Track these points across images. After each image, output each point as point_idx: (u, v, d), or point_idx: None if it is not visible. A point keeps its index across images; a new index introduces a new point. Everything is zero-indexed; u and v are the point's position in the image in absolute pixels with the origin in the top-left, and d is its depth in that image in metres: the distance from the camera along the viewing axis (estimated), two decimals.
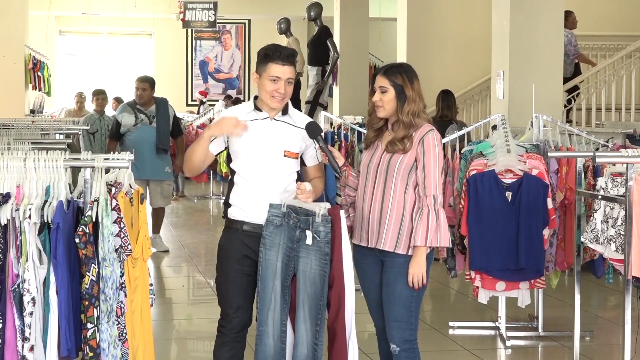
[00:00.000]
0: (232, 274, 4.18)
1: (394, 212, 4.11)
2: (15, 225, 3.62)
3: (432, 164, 4.09)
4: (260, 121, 4.21)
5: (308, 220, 3.99)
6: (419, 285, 4.07)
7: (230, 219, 4.23)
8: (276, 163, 4.18)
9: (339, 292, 4.00)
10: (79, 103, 14.71)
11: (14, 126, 8.12)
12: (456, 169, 6.54)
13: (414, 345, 4.16)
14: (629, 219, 4.39)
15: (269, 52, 4.15)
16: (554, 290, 6.76)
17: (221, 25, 20.09)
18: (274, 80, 4.13)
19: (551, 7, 8.97)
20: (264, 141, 4.18)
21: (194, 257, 9.30)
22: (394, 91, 4.14)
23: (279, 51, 4.15)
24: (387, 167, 4.14)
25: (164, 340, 6.20)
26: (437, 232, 4.04)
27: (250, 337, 4.29)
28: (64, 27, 21.22)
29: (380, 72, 4.21)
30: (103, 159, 3.82)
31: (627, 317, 4.49)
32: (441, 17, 13.04)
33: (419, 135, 4.12)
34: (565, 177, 6.27)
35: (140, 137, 8.98)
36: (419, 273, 4.06)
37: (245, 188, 4.18)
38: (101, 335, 3.66)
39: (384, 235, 4.12)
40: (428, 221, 4.04)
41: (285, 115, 4.24)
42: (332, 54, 12.96)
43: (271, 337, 4.05)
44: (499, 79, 9.02)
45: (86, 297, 3.62)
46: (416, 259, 4.07)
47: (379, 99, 4.16)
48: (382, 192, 4.14)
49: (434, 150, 4.11)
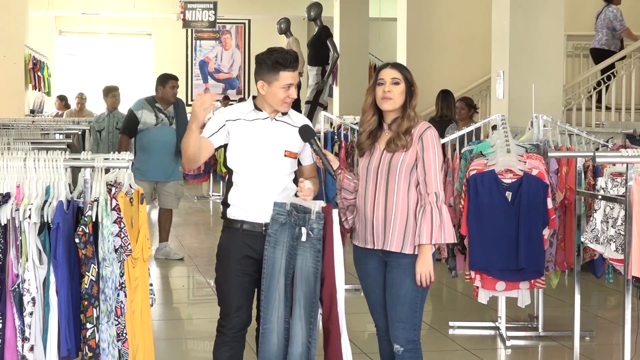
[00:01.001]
0: (233, 274, 4.18)
1: (399, 213, 4.10)
2: (15, 225, 3.62)
3: (432, 161, 4.08)
4: (261, 121, 4.21)
5: (305, 218, 4.01)
6: (427, 283, 4.07)
7: (230, 218, 4.23)
8: (277, 163, 4.19)
9: (331, 290, 4.01)
10: (79, 104, 14.71)
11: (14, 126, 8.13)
12: (456, 169, 6.54)
13: (417, 346, 4.16)
14: (629, 219, 4.39)
15: (279, 60, 4.14)
16: (554, 290, 6.76)
17: (221, 25, 20.08)
18: (287, 87, 4.15)
19: (551, 7, 8.97)
20: (265, 141, 4.19)
21: (194, 257, 9.30)
22: (405, 84, 4.14)
23: (288, 58, 4.15)
24: (389, 167, 4.12)
25: (164, 340, 6.20)
26: (440, 228, 4.03)
27: (249, 337, 4.30)
28: (64, 27, 21.22)
29: (389, 66, 4.19)
30: (103, 159, 3.82)
31: (627, 317, 4.49)
32: (441, 17, 13.03)
33: (418, 132, 4.11)
34: (565, 177, 6.27)
35: (159, 137, 8.68)
36: (427, 271, 4.06)
37: (245, 187, 4.18)
38: (101, 335, 3.66)
39: (390, 236, 4.11)
40: (432, 219, 4.03)
41: (285, 116, 4.25)
42: (332, 54, 12.96)
43: (275, 335, 4.05)
44: (499, 79, 9.02)
45: (85, 297, 3.62)
46: (422, 257, 4.07)
47: (390, 90, 4.12)
48: (385, 194, 4.12)
49: (433, 147, 4.10)
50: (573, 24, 11.88)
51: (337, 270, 4.02)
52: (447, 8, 13.10)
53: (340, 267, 4.03)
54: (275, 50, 4.21)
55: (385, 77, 4.15)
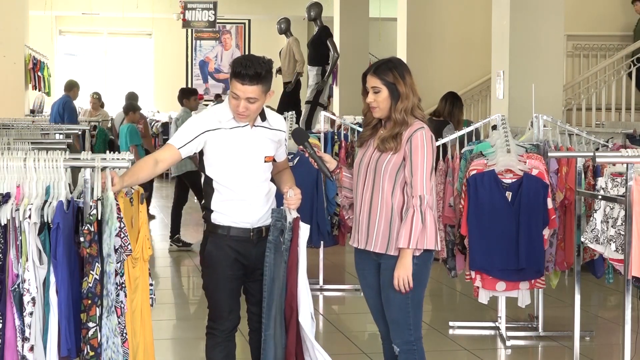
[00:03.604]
0: (224, 280, 4.16)
1: (383, 213, 4.04)
2: (15, 225, 3.62)
3: (419, 163, 3.98)
4: (240, 129, 4.12)
5: (283, 225, 4.05)
6: (405, 289, 3.98)
7: (215, 224, 4.17)
8: (257, 169, 4.14)
9: (290, 302, 4.02)
10: (92, 103, 14.80)
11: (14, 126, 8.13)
12: (456, 169, 6.54)
13: (414, 347, 4.13)
14: (629, 219, 4.38)
15: (236, 69, 4.00)
16: (554, 290, 6.76)
17: (221, 25, 20.10)
18: (235, 97, 4.03)
19: (551, 7, 8.97)
20: (245, 149, 4.12)
21: (194, 257, 9.30)
22: (387, 90, 4.04)
23: (245, 70, 3.98)
24: (376, 166, 4.07)
25: (164, 340, 6.19)
26: (423, 233, 3.93)
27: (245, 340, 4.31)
28: (64, 27, 21.23)
29: (371, 72, 4.09)
30: (102, 159, 3.81)
31: (627, 317, 4.49)
32: (441, 17, 13.03)
33: (408, 133, 4.02)
34: (565, 177, 6.27)
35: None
36: (404, 276, 3.96)
37: (228, 195, 4.12)
38: (103, 332, 3.66)
39: (374, 236, 4.07)
40: (412, 223, 3.93)
41: (265, 121, 4.19)
42: (332, 54, 12.95)
43: (277, 340, 4.05)
44: (499, 79, 9.02)
45: (89, 295, 3.61)
46: (401, 261, 3.98)
47: (373, 100, 4.06)
48: (371, 192, 4.07)
49: (422, 148, 3.99)
50: (573, 24, 11.87)
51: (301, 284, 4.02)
52: (447, 8, 13.10)
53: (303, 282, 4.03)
54: (246, 58, 4.06)
55: (368, 86, 4.09)
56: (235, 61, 4.05)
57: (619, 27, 13.32)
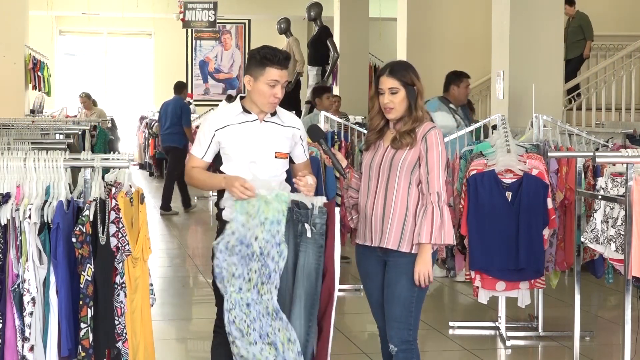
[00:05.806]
0: None
1: (397, 210, 4.09)
2: (15, 225, 3.62)
3: (435, 161, 4.06)
4: (249, 124, 4.16)
5: (307, 214, 3.99)
6: (426, 283, 4.06)
7: (226, 221, 4.20)
8: (268, 165, 4.16)
9: (330, 287, 4.01)
10: (83, 103, 14.82)
11: (14, 126, 8.13)
12: (456, 169, 6.54)
13: (412, 346, 4.14)
14: (629, 219, 4.38)
15: (267, 56, 4.11)
16: (554, 290, 6.76)
17: (221, 25, 20.09)
18: (273, 85, 4.10)
19: (551, 7, 8.97)
20: (255, 144, 4.14)
21: (194, 257, 9.30)
22: (405, 90, 4.10)
23: (277, 55, 4.12)
24: (390, 164, 4.11)
25: (164, 340, 6.19)
26: (441, 229, 4.01)
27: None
28: (64, 27, 21.22)
29: (386, 73, 4.14)
30: (102, 159, 3.82)
31: (627, 317, 4.49)
32: (441, 17, 13.03)
33: (422, 132, 4.09)
34: (565, 177, 6.27)
35: None
36: (425, 271, 4.04)
37: None
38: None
39: (387, 233, 4.10)
40: (432, 218, 4.01)
41: (274, 116, 4.22)
42: (332, 54, 12.97)
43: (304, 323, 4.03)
44: (499, 79, 9.03)
45: (80, 296, 3.62)
46: (422, 256, 4.05)
47: (389, 101, 4.10)
48: (385, 190, 4.11)
49: (437, 147, 4.07)
50: None
51: (337, 266, 4.03)
52: (447, 8, 13.10)
53: (338, 265, 4.03)
54: (268, 47, 4.19)
55: (384, 87, 4.12)
56: (261, 52, 4.15)
57: (619, 27, 13.33)
